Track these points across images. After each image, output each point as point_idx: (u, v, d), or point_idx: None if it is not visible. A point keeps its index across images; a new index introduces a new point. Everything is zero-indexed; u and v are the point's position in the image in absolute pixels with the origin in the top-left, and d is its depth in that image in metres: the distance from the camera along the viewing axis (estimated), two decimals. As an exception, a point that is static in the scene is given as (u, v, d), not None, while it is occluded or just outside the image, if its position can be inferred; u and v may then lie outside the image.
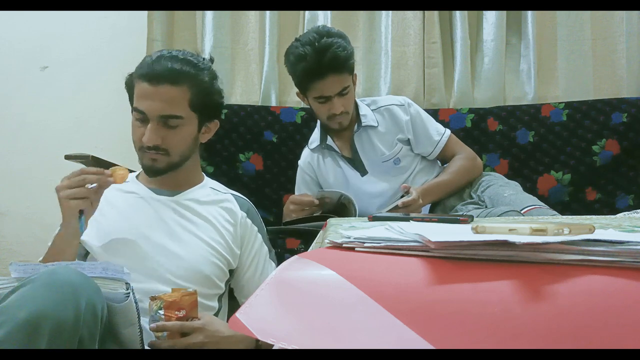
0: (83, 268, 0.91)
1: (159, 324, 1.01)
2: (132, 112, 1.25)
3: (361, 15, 2.31)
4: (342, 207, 1.64)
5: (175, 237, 1.22)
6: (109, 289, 0.92)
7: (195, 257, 1.20)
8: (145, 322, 1.03)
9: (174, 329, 1.02)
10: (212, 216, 1.28)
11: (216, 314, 1.23)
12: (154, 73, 1.18)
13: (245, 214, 1.33)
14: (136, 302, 0.96)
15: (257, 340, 1.11)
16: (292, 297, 0.51)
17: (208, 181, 1.38)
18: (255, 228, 1.34)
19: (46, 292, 0.80)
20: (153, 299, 1.04)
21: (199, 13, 2.33)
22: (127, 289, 0.93)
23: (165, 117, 1.19)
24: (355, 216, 1.58)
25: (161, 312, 1.02)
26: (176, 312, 1.02)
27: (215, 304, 1.24)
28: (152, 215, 1.25)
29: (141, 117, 1.21)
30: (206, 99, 1.25)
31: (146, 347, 1.01)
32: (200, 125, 1.29)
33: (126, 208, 1.26)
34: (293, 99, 2.30)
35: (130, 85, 1.26)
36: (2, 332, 0.76)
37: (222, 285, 1.26)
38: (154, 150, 1.21)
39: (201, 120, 1.28)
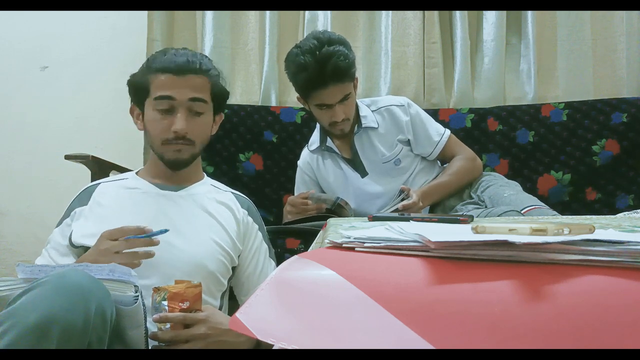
0: (90, 270, 0.90)
1: (162, 314, 1.00)
2: (150, 106, 1.24)
3: (361, 15, 2.31)
4: (338, 209, 1.64)
5: (181, 233, 1.21)
6: (117, 292, 0.90)
7: (200, 253, 1.20)
8: (150, 323, 1.02)
9: (177, 320, 1.00)
10: (217, 212, 1.28)
11: None
12: (178, 64, 1.23)
13: (246, 212, 1.34)
14: (144, 305, 0.95)
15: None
16: (292, 297, 0.51)
17: (207, 179, 1.39)
18: (256, 226, 1.35)
19: (56, 295, 0.79)
20: (156, 290, 1.02)
21: (199, 13, 2.34)
22: (136, 292, 0.92)
23: (193, 100, 1.23)
24: (350, 217, 1.58)
25: (165, 303, 1.00)
26: (180, 304, 1.00)
27: (218, 302, 1.23)
28: (156, 211, 1.24)
29: (166, 107, 1.22)
30: (220, 88, 1.31)
31: (151, 346, 1.00)
32: (214, 116, 1.34)
33: (129, 204, 1.26)
34: (293, 99, 2.30)
35: (137, 83, 1.26)
36: (11, 336, 0.75)
37: (225, 282, 1.26)
38: (181, 141, 1.23)
39: (215, 111, 1.33)
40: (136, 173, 1.35)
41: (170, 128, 1.22)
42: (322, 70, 1.59)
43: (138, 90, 1.27)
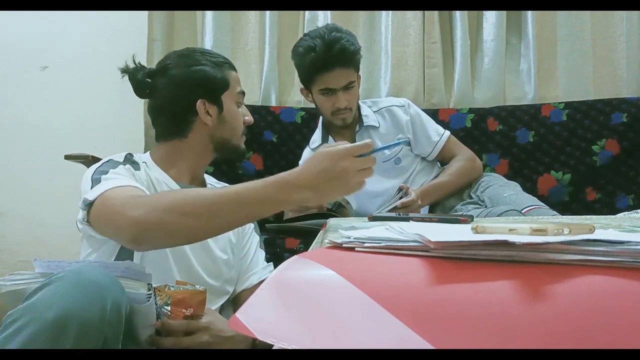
0: (106, 266, 0.90)
1: (165, 322, 0.98)
2: (230, 99, 1.26)
3: (361, 15, 2.31)
4: (339, 208, 1.65)
5: (209, 247, 1.20)
6: (131, 289, 0.89)
7: (226, 283, 1.22)
8: None
9: (180, 329, 0.99)
10: None
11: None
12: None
13: None
14: (156, 304, 0.94)
15: (254, 340, 1.10)
16: (292, 297, 0.51)
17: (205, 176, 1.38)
18: None
19: (73, 291, 0.79)
20: (157, 290, 0.99)
21: (199, 13, 2.34)
22: (149, 290, 0.91)
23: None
24: (351, 216, 1.59)
25: (167, 307, 0.98)
26: (183, 310, 0.98)
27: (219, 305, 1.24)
28: None
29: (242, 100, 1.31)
30: None
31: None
32: None
33: None
34: (293, 98, 2.30)
35: (215, 79, 1.23)
36: (30, 331, 0.75)
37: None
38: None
39: None
40: (152, 158, 1.25)
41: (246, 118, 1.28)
42: (329, 51, 1.64)
43: (214, 85, 1.24)
